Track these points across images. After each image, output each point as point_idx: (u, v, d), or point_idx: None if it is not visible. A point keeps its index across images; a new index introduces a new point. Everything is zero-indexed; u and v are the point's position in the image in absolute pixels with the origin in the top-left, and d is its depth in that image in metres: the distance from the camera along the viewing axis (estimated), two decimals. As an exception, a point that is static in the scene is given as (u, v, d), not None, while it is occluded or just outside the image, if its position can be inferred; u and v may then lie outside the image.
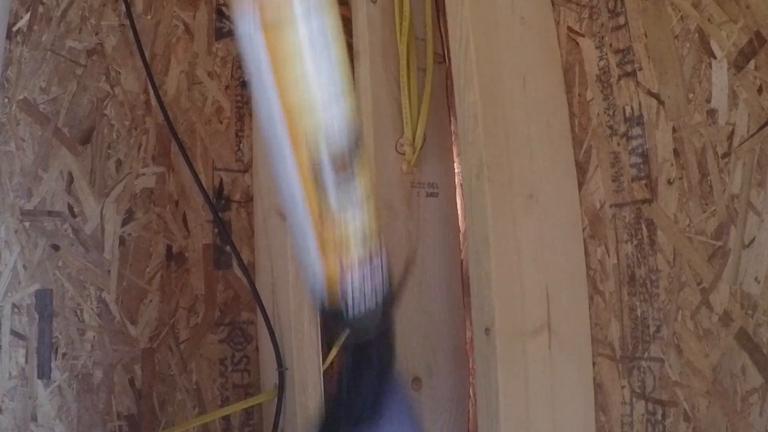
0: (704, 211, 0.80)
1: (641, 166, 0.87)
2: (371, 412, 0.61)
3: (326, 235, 0.53)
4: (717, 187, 0.79)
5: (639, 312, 0.88)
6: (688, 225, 0.82)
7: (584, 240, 0.94)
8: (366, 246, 0.54)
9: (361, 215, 0.53)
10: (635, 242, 0.88)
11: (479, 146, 0.88)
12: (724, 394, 0.78)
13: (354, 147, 0.52)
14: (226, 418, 1.09)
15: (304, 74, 0.50)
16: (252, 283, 1.03)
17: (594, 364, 0.93)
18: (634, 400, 0.88)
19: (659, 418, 0.85)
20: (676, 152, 0.83)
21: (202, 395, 1.08)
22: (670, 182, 0.85)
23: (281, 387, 1.01)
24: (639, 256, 0.88)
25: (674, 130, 0.83)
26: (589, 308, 0.94)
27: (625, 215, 0.89)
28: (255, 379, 1.11)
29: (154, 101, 1.10)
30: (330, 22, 0.50)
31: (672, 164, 0.84)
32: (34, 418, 0.99)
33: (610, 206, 0.91)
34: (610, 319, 0.91)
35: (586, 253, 0.94)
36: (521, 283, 0.88)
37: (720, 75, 0.80)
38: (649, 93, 0.86)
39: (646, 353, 0.87)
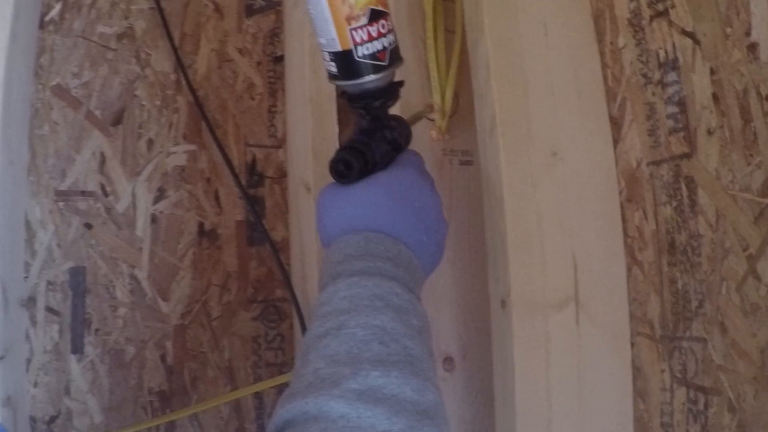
0: (749, 164, 0.63)
1: (678, 116, 0.71)
2: (380, 159, 0.64)
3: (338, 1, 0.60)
4: (762, 134, 0.62)
5: (680, 284, 0.72)
6: (731, 181, 0.65)
7: (621, 204, 0.79)
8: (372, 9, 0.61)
9: None
10: (674, 204, 0.72)
11: (491, 99, 0.75)
12: (774, 380, 0.61)
13: None
14: (259, 398, 1.01)
15: None
16: (279, 259, 0.94)
17: (632, 344, 0.77)
18: (674, 386, 0.72)
19: (701, 407, 0.69)
20: (715, 97, 0.67)
21: (234, 373, 1.01)
22: (710, 132, 0.68)
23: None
24: (679, 219, 0.72)
25: (712, 71, 0.67)
26: (627, 281, 0.78)
27: (663, 174, 0.73)
28: (289, 358, 1.02)
29: (184, 80, 1.03)
30: None
31: (711, 111, 0.67)
32: (67, 392, 0.95)
33: (647, 164, 0.75)
34: (650, 294, 0.75)
35: (624, 219, 0.79)
36: (542, 250, 0.74)
37: (759, 2, 0.62)
38: (684, 32, 0.70)
39: (688, 332, 0.71)
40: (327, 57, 0.63)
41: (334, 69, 0.63)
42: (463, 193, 0.95)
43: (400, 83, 0.67)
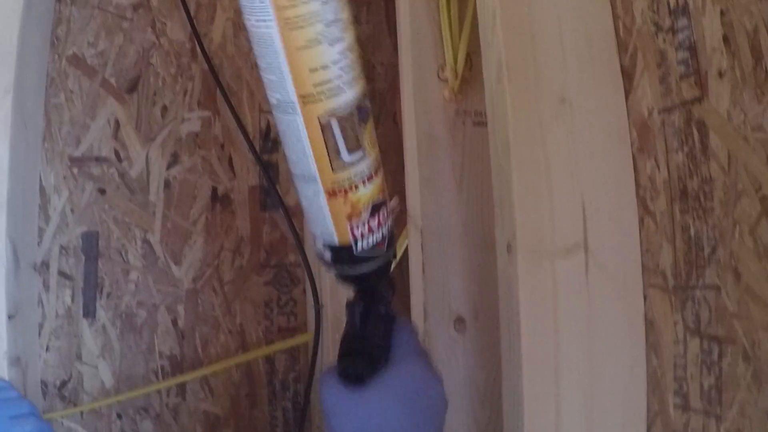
0: (760, 102, 0.63)
1: (689, 61, 0.70)
2: (382, 350, 0.63)
3: (338, 201, 0.56)
4: (774, 70, 0.61)
5: (692, 232, 0.71)
6: (743, 121, 0.64)
7: (633, 154, 0.78)
8: (374, 204, 0.58)
9: (371, 186, 0.57)
10: (686, 150, 0.72)
11: (498, 45, 0.75)
12: (788, 325, 0.60)
13: (362, 125, 0.55)
14: (270, 362, 1.02)
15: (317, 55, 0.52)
16: (292, 224, 0.95)
17: (645, 297, 0.77)
18: (688, 337, 0.71)
19: (715, 358, 0.68)
20: (725, 39, 0.66)
21: (245, 337, 1.02)
22: (720, 74, 0.67)
23: (318, 325, 0.92)
24: (691, 165, 0.71)
25: (722, 13, 0.66)
26: (640, 232, 0.77)
27: (674, 120, 0.73)
28: (302, 323, 1.04)
29: (199, 48, 1.05)
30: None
31: (722, 53, 0.67)
32: (79, 356, 0.97)
33: (659, 112, 0.74)
34: (662, 243, 0.74)
35: (636, 170, 0.78)
36: (550, 195, 0.74)
37: (769, -62, 0.62)
38: (694, -26, 0.69)
39: (701, 280, 0.70)
40: (320, 244, 0.59)
41: (328, 257, 0.59)
42: (476, 154, 0.95)
43: (393, 255, 0.65)
